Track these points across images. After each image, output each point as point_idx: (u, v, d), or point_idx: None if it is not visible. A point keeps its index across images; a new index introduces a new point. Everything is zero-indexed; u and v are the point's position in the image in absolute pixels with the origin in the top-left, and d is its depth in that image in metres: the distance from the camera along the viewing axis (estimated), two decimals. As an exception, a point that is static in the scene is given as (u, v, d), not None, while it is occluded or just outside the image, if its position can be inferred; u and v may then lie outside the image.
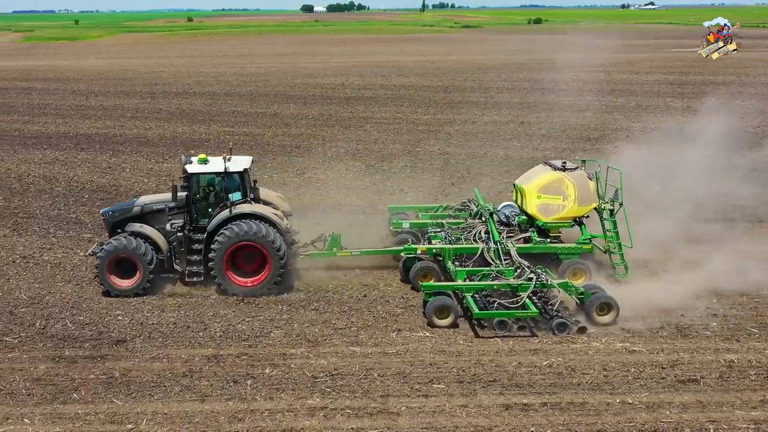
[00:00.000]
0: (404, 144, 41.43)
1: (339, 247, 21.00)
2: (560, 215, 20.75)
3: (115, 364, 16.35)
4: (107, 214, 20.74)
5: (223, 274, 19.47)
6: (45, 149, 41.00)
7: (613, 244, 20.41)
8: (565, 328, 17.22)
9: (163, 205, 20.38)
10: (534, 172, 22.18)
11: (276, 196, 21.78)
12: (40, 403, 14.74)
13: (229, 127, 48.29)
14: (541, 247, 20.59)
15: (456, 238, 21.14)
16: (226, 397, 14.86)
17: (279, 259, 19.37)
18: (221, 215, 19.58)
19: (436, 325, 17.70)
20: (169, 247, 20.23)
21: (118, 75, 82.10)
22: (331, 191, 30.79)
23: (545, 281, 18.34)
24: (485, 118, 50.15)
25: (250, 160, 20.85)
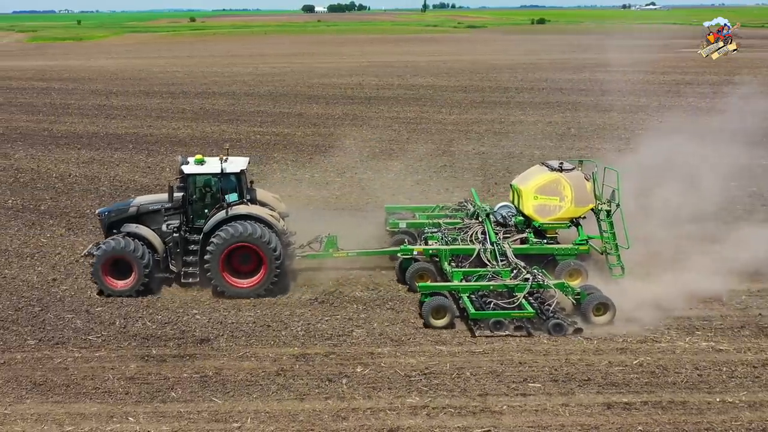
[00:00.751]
0: (437, 144, 41.45)
1: (335, 248, 20.98)
2: (557, 216, 20.73)
3: (204, 363, 16.36)
4: (103, 214, 20.67)
5: (218, 275, 19.42)
6: (79, 149, 40.98)
7: (609, 245, 20.39)
8: (562, 329, 17.22)
9: (160, 206, 20.33)
10: (531, 172, 22.19)
11: (272, 197, 21.72)
12: (140, 402, 14.77)
13: (257, 126, 48.27)
14: (538, 248, 20.58)
15: (453, 238, 21.10)
16: (324, 396, 14.90)
17: (275, 261, 19.32)
18: (217, 216, 19.55)
19: (432, 325, 17.71)
20: (165, 248, 20.22)
21: (133, 75, 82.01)
22: (377, 191, 30.79)
23: (541, 282, 18.36)
24: (512, 118, 50.19)
25: (246, 161, 20.77)
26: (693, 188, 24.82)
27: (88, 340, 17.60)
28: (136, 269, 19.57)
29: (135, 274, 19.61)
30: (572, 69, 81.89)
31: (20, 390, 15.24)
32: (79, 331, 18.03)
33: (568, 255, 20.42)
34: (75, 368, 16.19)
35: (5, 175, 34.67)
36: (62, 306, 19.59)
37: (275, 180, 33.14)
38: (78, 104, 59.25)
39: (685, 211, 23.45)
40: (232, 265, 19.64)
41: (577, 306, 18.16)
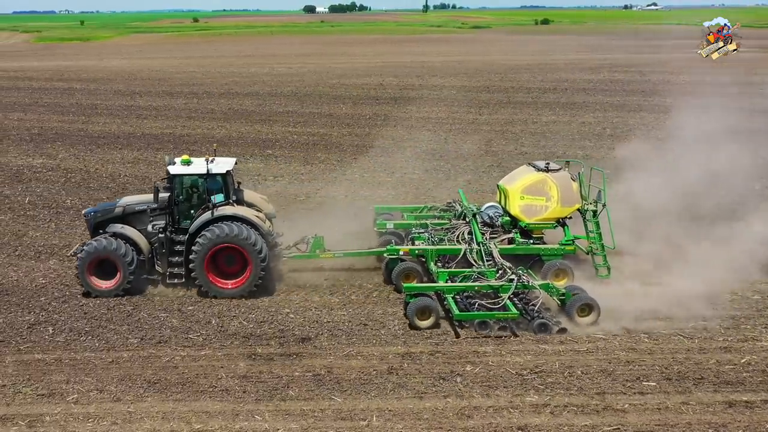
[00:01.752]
0: (477, 144, 41.51)
1: (322, 249, 20.98)
2: (543, 216, 20.74)
3: (312, 362, 16.44)
4: (89, 214, 20.66)
5: (203, 275, 19.43)
6: (120, 149, 41.00)
7: (596, 245, 20.45)
8: (546, 329, 17.26)
9: (145, 206, 20.34)
10: (517, 172, 22.22)
11: (260, 198, 21.71)
12: (261, 400, 14.84)
13: (290, 127, 48.32)
14: (524, 248, 20.61)
15: (439, 238, 21.11)
16: (443, 394, 14.98)
17: (260, 262, 19.29)
18: (203, 217, 19.55)
19: (417, 326, 17.72)
20: (150, 249, 20.20)
21: (150, 75, 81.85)
22: (432, 191, 30.86)
23: (526, 282, 18.38)
24: (544, 119, 50.27)
25: (233, 162, 20.75)
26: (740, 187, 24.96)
27: (189, 338, 17.64)
28: (120, 270, 19.55)
29: (120, 274, 19.59)
30: (589, 69, 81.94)
31: (137, 388, 15.30)
32: (178, 330, 18.08)
33: (554, 255, 20.45)
34: (185, 366, 16.24)
35: (55, 175, 34.69)
36: (153, 305, 19.63)
37: (327, 180, 33.30)
38: (104, 105, 59.15)
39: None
40: (218, 265, 19.65)
41: (562, 306, 18.19)
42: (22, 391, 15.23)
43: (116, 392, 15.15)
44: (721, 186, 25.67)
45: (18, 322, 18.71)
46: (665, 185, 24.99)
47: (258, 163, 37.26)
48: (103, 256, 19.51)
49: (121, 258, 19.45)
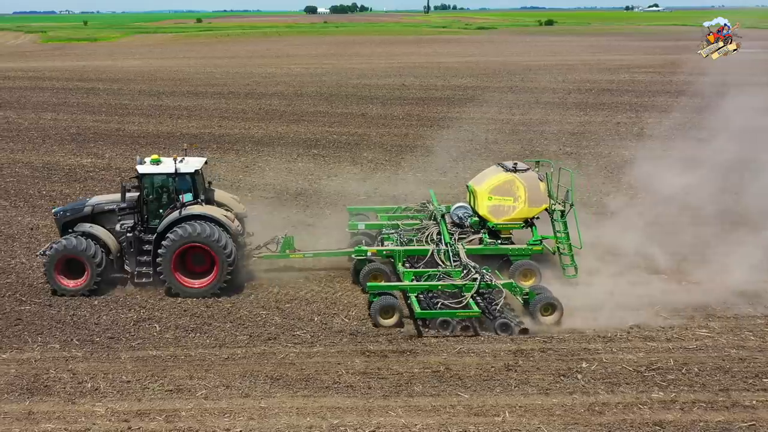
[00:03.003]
0: (520, 144, 41.68)
1: (292, 249, 21.07)
2: (511, 216, 20.83)
3: (428, 359, 16.59)
4: (59, 213, 20.67)
5: (170, 275, 19.45)
6: (165, 148, 40.81)
7: (563, 245, 20.52)
8: (508, 328, 17.35)
9: (114, 206, 20.39)
10: (486, 173, 22.26)
11: (231, 197, 21.73)
12: (388, 396, 14.97)
13: (326, 126, 48.40)
14: (492, 248, 20.65)
15: (408, 239, 21.18)
16: (567, 391, 15.13)
17: (227, 261, 19.30)
18: (171, 216, 19.57)
19: (380, 324, 17.85)
20: (119, 248, 20.26)
21: (170, 76, 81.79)
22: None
23: (490, 281, 18.43)
24: (577, 119, 50.45)
25: (202, 162, 20.81)
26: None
27: (296, 336, 17.79)
28: (88, 269, 19.60)
29: (87, 273, 19.65)
30: (607, 70, 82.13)
31: (262, 384, 15.43)
32: (283, 327, 18.23)
33: (522, 255, 20.51)
34: (301, 363, 16.37)
35: (110, 174, 34.84)
36: (251, 303, 19.76)
37: (380, 180, 33.31)
38: (133, 105, 59.16)
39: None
40: (186, 265, 19.70)
41: (525, 306, 18.28)
42: (149, 387, 15.32)
43: (243, 388, 15.27)
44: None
45: (122, 319, 18.80)
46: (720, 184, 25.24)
47: (308, 163, 37.36)
48: (71, 255, 19.56)
49: (88, 257, 19.47)
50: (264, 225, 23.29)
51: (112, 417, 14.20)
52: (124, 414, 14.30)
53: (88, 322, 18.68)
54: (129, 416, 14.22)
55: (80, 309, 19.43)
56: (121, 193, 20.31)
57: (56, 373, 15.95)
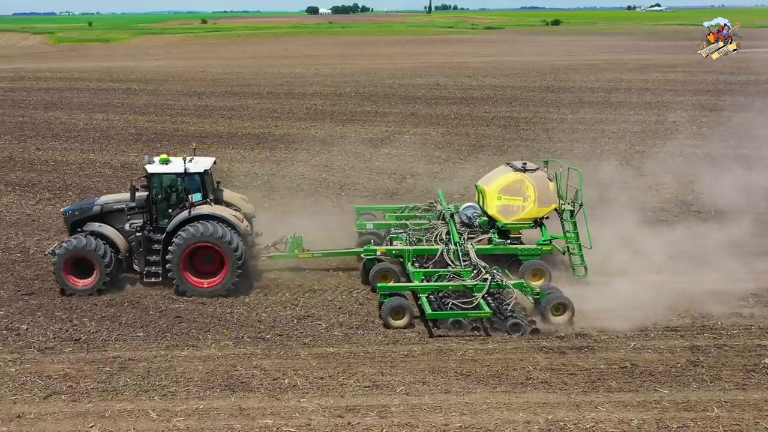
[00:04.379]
0: (588, 143, 41.71)
1: (301, 249, 21.04)
2: (520, 216, 20.77)
3: (608, 355, 16.78)
4: (67, 213, 20.68)
5: (180, 274, 19.41)
6: (235, 148, 41.13)
7: (572, 245, 20.49)
8: (519, 329, 17.32)
9: (123, 205, 20.40)
10: (495, 173, 22.20)
11: (239, 197, 21.70)
12: (587, 392, 15.12)
13: (385, 126, 48.37)
14: (501, 248, 20.60)
15: (417, 239, 21.14)
16: (765, 386, 15.19)
17: (236, 261, 19.28)
18: (180, 216, 19.52)
19: (391, 325, 17.79)
20: (128, 247, 20.28)
21: (199, 76, 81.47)
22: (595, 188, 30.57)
23: (500, 282, 18.43)
24: (632, 118, 50.43)
25: (211, 162, 20.77)
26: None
27: (466, 333, 17.77)
28: (97, 268, 19.58)
29: (96, 273, 19.63)
30: (635, 70, 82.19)
31: (456, 380, 15.53)
32: (449, 325, 18.19)
33: (531, 255, 20.47)
34: (483, 360, 16.48)
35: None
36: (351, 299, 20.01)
37: (467, 178, 33.17)
38: (178, 105, 58.99)
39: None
40: (195, 265, 19.67)
41: (536, 306, 18.27)
42: (345, 383, 15.38)
43: (439, 384, 15.36)
44: None
45: (282, 316, 18.90)
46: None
47: (384, 162, 37.38)
48: (81, 254, 19.53)
49: (97, 257, 19.44)
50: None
51: (324, 413, 14.24)
52: (334, 410, 14.34)
53: (250, 319, 18.73)
54: (340, 412, 14.25)
55: (235, 306, 19.51)
56: (131, 192, 20.24)
57: (245, 369, 15.98)
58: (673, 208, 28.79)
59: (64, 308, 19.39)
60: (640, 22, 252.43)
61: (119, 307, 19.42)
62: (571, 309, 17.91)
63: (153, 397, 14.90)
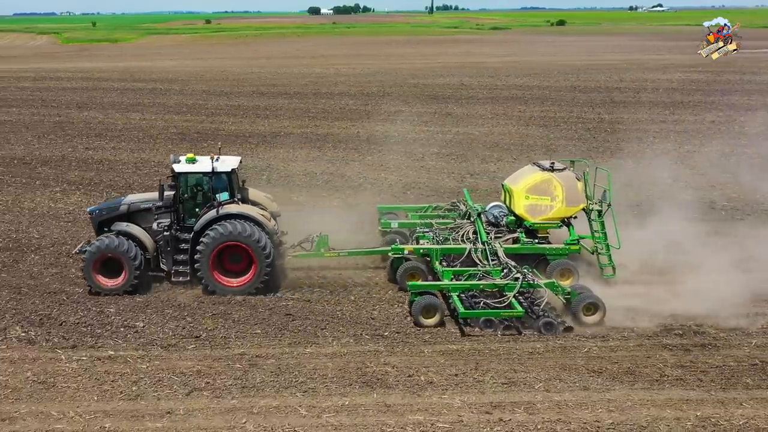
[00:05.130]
0: (635, 143, 41.48)
1: (327, 248, 21.00)
2: (548, 216, 20.74)
3: (731, 352, 16.86)
4: (94, 212, 20.66)
5: (208, 274, 19.42)
6: (281, 148, 41.09)
7: (600, 244, 20.48)
8: (552, 328, 17.35)
9: (150, 204, 20.37)
10: (522, 172, 22.22)
11: (264, 196, 21.70)
12: (727, 389, 15.17)
13: (425, 126, 48.36)
14: (529, 247, 20.57)
15: (444, 238, 21.12)
16: None
17: (265, 260, 19.29)
18: (208, 215, 19.52)
19: (422, 324, 17.82)
20: (155, 247, 20.21)
21: (221, 76, 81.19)
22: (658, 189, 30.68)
23: (532, 281, 18.45)
24: (671, 117, 50.46)
25: (238, 161, 20.78)
26: None
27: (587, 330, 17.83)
28: (126, 268, 19.54)
29: (125, 273, 19.60)
30: (657, 70, 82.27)
31: (590, 377, 15.62)
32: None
33: (559, 255, 20.44)
34: (609, 357, 16.58)
35: (255, 172, 34.70)
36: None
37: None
38: (211, 105, 58.92)
39: None
40: (223, 264, 19.67)
41: (567, 305, 18.28)
42: (481, 379, 15.44)
43: (576, 381, 15.44)
44: None
45: (392, 314, 18.97)
46: None
47: (444, 162, 37.27)
48: (109, 254, 19.52)
49: (127, 257, 19.41)
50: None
51: (471, 409, 14.30)
52: (480, 406, 14.40)
53: (362, 317, 18.83)
54: (487, 408, 14.31)
55: (342, 305, 19.62)
56: (159, 191, 20.08)
57: (376, 366, 16.04)
58: (744, 207, 28.77)
59: (173, 306, 19.43)
60: (643, 22, 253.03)
61: (228, 305, 19.43)
62: (603, 309, 17.86)
63: (294, 393, 14.92)
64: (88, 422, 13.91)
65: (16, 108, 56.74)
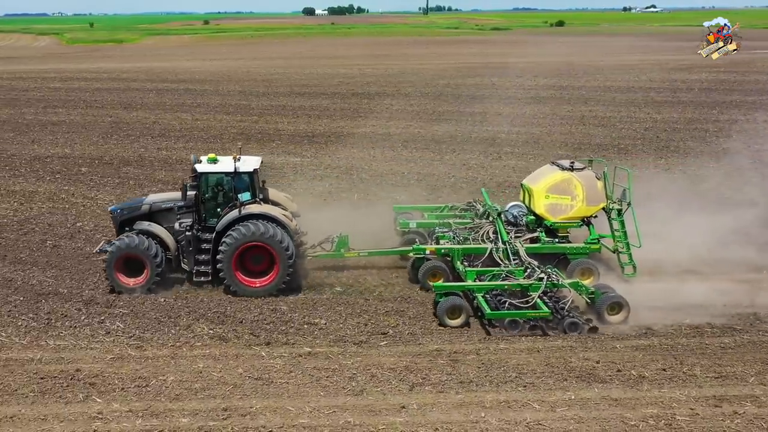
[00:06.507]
0: (696, 141, 41.94)
1: (347, 248, 21.10)
2: (568, 215, 20.85)
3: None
4: (116, 212, 20.70)
5: (231, 274, 19.45)
6: (354, 148, 41.12)
7: (621, 243, 20.62)
8: (577, 328, 17.44)
9: (172, 204, 20.44)
10: (541, 172, 22.33)
11: (284, 196, 21.74)
12: None
13: (481, 125, 48.45)
14: (550, 247, 20.68)
15: (464, 238, 21.21)
16: None
17: (287, 260, 19.32)
18: (230, 215, 19.52)
19: (447, 325, 17.83)
20: (177, 246, 20.23)
21: (248, 77, 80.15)
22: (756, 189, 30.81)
23: (556, 281, 18.54)
24: (721, 117, 50.75)
25: (259, 161, 20.81)
26: None
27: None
28: (148, 267, 19.57)
29: (147, 272, 19.62)
30: (680, 70, 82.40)
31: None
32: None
33: (580, 254, 20.55)
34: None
35: (336, 171, 34.91)
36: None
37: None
38: (255, 105, 58.69)
39: None
40: (245, 264, 19.68)
41: (591, 305, 18.37)
42: (691, 373, 15.68)
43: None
44: None
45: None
46: None
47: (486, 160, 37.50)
48: (131, 253, 19.54)
49: (149, 256, 19.44)
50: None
51: (699, 402, 14.55)
52: (705, 399, 14.65)
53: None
54: (714, 402, 14.54)
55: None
56: (182, 191, 20.25)
57: (578, 361, 16.28)
58: None
59: (343, 304, 19.60)
60: (642, 23, 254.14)
61: (396, 302, 19.60)
62: (627, 308, 17.95)
63: (515, 388, 15.11)
64: (328, 416, 14.00)
65: (62, 109, 56.44)
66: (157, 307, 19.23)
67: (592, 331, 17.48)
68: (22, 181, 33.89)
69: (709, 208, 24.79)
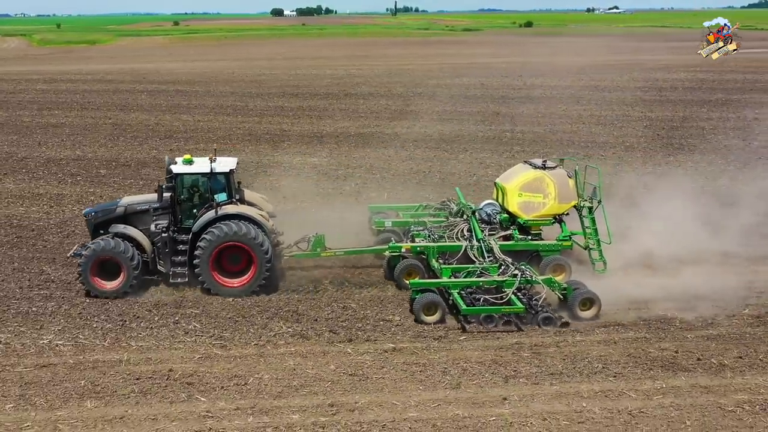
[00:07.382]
0: (717, 140, 42.49)
1: (323, 248, 21.12)
2: (541, 213, 21.23)
3: None
4: (90, 214, 20.59)
5: (208, 274, 19.49)
6: (367, 147, 41.39)
7: (592, 240, 21.12)
8: (551, 322, 17.88)
9: (147, 206, 20.38)
10: (514, 170, 22.71)
11: (260, 197, 21.94)
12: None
13: (488, 125, 48.82)
14: (523, 244, 21.07)
15: (439, 236, 21.55)
16: None
17: (265, 260, 19.45)
18: (207, 216, 19.58)
19: (423, 321, 18.13)
20: (153, 248, 20.17)
21: (237, 78, 79.31)
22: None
23: (529, 277, 19.03)
24: (732, 115, 51.00)
25: (235, 162, 20.92)
26: None
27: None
28: (124, 270, 19.50)
29: (123, 275, 19.54)
30: (662, 69, 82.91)
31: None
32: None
33: (552, 251, 21.00)
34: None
35: (360, 170, 34.99)
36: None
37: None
38: (252, 107, 58.49)
39: None
40: (222, 264, 19.79)
41: (563, 301, 18.90)
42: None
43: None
44: None
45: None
46: None
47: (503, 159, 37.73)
48: (107, 256, 19.47)
49: (125, 259, 19.37)
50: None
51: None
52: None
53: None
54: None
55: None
56: (158, 193, 20.18)
57: (657, 351, 16.83)
58: None
59: (396, 300, 19.94)
60: (605, 23, 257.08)
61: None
62: (598, 304, 18.39)
63: (606, 378, 15.57)
64: (435, 410, 14.30)
65: (58, 111, 55.78)
66: (227, 307, 19.35)
67: (563, 326, 17.83)
68: (44, 184, 33.57)
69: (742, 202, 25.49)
